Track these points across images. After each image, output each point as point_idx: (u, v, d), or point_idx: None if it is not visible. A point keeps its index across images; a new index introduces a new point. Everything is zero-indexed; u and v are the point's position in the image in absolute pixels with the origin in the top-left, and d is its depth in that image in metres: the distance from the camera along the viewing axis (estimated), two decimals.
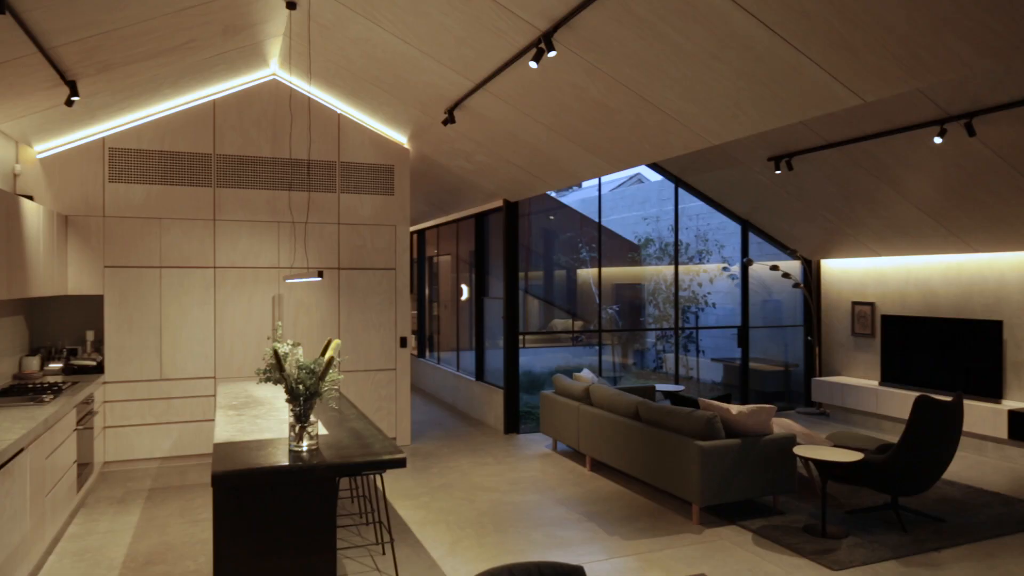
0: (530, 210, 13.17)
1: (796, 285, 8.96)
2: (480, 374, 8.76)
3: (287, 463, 3.20)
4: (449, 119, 5.64)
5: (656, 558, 4.26)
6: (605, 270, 13.38)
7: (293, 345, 3.38)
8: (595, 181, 9.10)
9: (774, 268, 8.82)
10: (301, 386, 3.32)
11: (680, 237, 11.32)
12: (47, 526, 4.16)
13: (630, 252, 12.64)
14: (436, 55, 4.87)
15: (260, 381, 3.42)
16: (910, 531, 4.68)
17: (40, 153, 5.92)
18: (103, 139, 6.12)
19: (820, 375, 9.03)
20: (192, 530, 4.70)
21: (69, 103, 4.66)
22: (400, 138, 7.10)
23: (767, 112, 3.89)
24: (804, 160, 6.75)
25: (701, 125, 4.33)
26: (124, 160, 6.18)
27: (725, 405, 5.04)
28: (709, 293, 10.88)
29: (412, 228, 11.87)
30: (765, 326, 9.65)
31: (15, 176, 5.75)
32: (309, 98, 6.75)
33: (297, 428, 3.41)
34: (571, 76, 4.37)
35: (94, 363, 6.07)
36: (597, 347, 13.14)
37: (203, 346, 6.39)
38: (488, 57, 4.57)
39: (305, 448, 3.40)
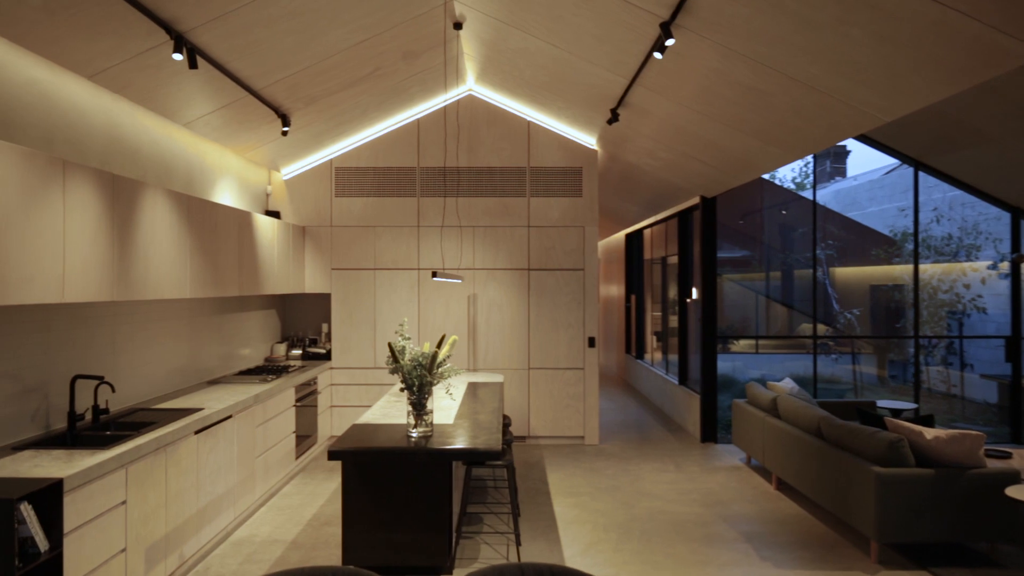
0: (762, 205, 12.24)
1: None
2: (683, 378, 8.43)
3: (390, 445, 3.51)
4: (613, 118, 5.59)
5: None
6: (854, 270, 11.92)
7: (404, 339, 3.69)
8: (857, 169, 8.18)
9: None
10: (413, 375, 3.62)
11: (943, 229, 9.65)
12: (258, 482, 5.07)
13: (874, 249, 11.08)
14: (584, 55, 4.88)
15: (390, 372, 3.79)
16: None
17: (285, 176, 7.17)
18: (331, 160, 7.19)
19: None
20: None
21: (284, 133, 5.60)
22: (588, 140, 7.18)
23: (932, 79, 3.23)
24: None
25: (863, 101, 3.73)
26: (346, 177, 7.19)
27: (918, 428, 4.25)
28: (980, 296, 9.07)
29: (628, 229, 11.81)
30: None
31: (267, 196, 7.04)
32: (502, 108, 7.17)
33: (414, 416, 3.73)
34: (709, 61, 4.08)
35: (324, 351, 7.17)
36: (848, 355, 11.77)
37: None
38: (627, 52, 4.46)
39: (417, 434, 3.69)
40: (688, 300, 8.31)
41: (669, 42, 3.72)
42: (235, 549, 4.37)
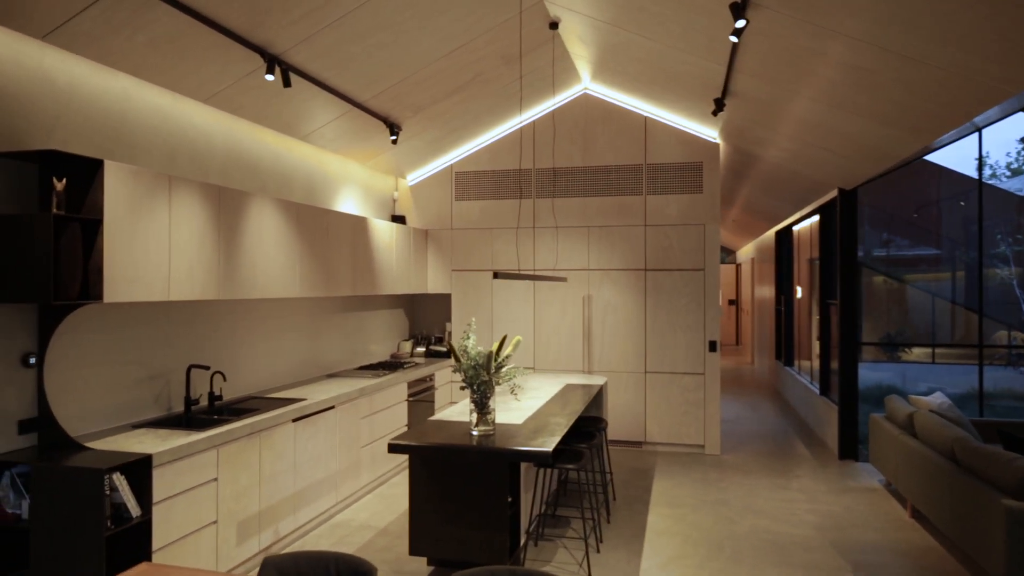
0: (939, 196, 10.80)
1: None
2: (825, 387, 7.71)
3: (446, 442, 3.59)
4: (719, 107, 5.26)
5: None
6: None
7: (464, 338, 3.75)
8: None
9: None
10: (470, 374, 3.68)
11: None
12: (363, 471, 5.40)
13: None
14: (674, 44, 4.65)
15: (453, 371, 3.89)
16: None
17: (410, 182, 7.56)
18: (451, 166, 7.47)
19: None
20: None
21: (393, 141, 5.92)
22: (709, 133, 6.80)
23: None
24: None
25: (979, 71, 3.20)
26: (465, 182, 7.44)
27: None
28: None
29: (778, 226, 10.99)
30: None
31: (394, 202, 7.47)
32: (617, 105, 7.02)
33: (476, 414, 3.78)
34: (796, 39, 3.71)
35: (445, 349, 7.46)
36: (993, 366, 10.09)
37: (525, 339, 7.22)
38: (713, 37, 4.18)
39: (478, 433, 3.74)
40: (831, 302, 7.59)
41: (739, 23, 3.45)
42: (331, 531, 4.70)
